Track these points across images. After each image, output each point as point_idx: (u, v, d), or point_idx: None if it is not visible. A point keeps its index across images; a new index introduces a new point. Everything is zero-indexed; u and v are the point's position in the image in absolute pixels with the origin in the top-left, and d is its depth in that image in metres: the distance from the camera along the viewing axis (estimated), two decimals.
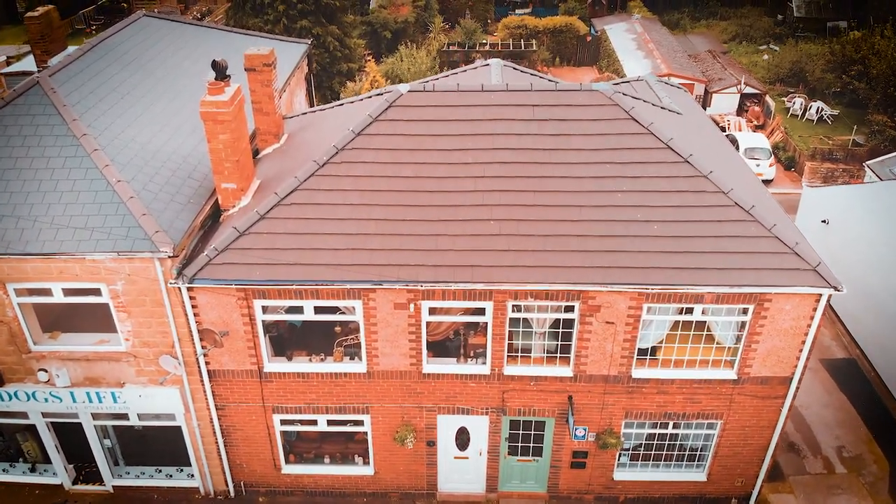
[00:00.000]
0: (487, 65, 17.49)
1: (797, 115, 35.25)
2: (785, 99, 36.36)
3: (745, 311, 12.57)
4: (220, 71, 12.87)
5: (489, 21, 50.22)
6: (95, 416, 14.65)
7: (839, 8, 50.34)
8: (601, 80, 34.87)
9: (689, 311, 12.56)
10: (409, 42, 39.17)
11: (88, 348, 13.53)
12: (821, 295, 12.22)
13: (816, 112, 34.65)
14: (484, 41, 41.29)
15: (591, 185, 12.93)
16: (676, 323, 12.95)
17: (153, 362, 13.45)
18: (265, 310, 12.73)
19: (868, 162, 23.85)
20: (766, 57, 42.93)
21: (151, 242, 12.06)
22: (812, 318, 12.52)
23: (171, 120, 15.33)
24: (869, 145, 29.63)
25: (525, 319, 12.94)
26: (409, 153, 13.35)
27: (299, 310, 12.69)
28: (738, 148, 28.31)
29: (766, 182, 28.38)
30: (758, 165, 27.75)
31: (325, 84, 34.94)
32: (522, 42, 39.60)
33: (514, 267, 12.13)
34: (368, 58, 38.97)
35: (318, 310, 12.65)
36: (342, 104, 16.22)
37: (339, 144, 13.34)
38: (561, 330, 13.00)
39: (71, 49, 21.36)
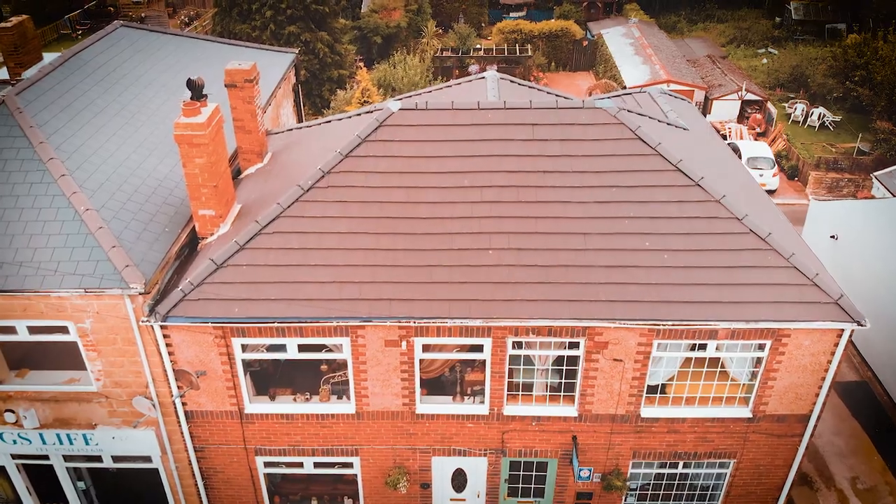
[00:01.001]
0: (483, 77, 16.60)
1: (798, 122, 34.50)
2: (786, 105, 35.61)
3: (761, 347, 11.71)
4: (196, 90, 11.95)
5: (483, 25, 49.37)
6: (67, 458, 13.70)
7: (838, 10, 49.66)
8: (598, 86, 34.05)
9: (703, 347, 11.69)
10: (402, 47, 38.26)
11: (57, 388, 12.59)
12: (843, 330, 11.38)
13: (818, 118, 33.90)
14: (478, 46, 40.43)
15: (596, 210, 12.06)
16: (688, 359, 12.09)
17: (126, 403, 12.51)
18: (245, 348, 11.81)
19: (876, 173, 23.08)
20: (764, 61, 42.20)
21: (121, 278, 11.13)
22: (833, 353, 11.68)
23: (148, 139, 14.39)
24: (875, 154, 28.87)
25: (526, 356, 12.06)
26: (400, 176, 12.45)
27: (282, 348, 11.78)
28: (740, 157, 27.50)
29: (770, 192, 27.58)
30: (761, 175, 26.95)
31: (315, 91, 34.04)
32: (517, 47, 38.74)
33: (514, 301, 11.25)
34: (360, 64, 38.04)
35: (302, 348, 11.74)
36: (329, 121, 15.30)
37: (326, 167, 12.43)
38: (565, 367, 12.12)
39: (52, 57, 20.29)
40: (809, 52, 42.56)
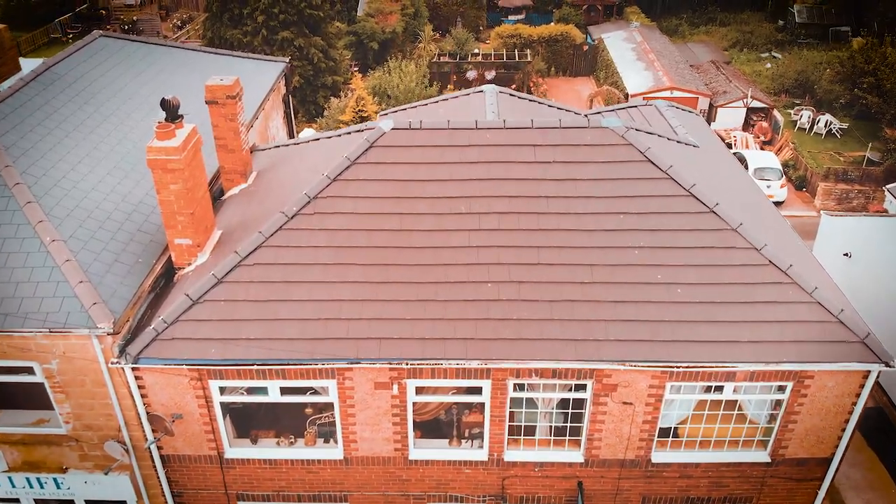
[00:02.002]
0: (481, 91, 15.73)
1: (804, 129, 33.65)
2: (791, 111, 34.76)
3: (781, 389, 10.84)
4: (171, 110, 11.05)
5: (481, 28, 48.50)
6: (39, 503, 12.82)
7: (842, 13, 48.88)
8: (600, 94, 33.19)
9: (719, 388, 10.82)
10: (398, 53, 37.37)
11: (25, 430, 11.71)
12: (869, 371, 10.52)
13: (825, 125, 33.06)
14: (476, 51, 39.56)
15: (604, 239, 11.18)
16: (703, 400, 11.22)
17: (98, 447, 11.62)
18: (223, 391, 10.92)
19: (889, 186, 22.20)
20: (768, 65, 41.37)
21: (88, 317, 10.24)
22: (858, 395, 10.82)
23: (124, 158, 13.49)
24: (885, 164, 28.02)
25: (529, 398, 11.18)
26: (392, 202, 11.57)
27: (263, 390, 10.89)
28: (746, 167, 26.65)
29: (777, 204, 26.73)
30: (768, 187, 26.09)
31: (310, 98, 33.20)
32: (516, 52, 37.86)
33: (515, 340, 10.36)
34: (355, 69, 37.16)
35: (285, 390, 10.85)
36: (318, 139, 14.41)
37: (312, 192, 11.55)
38: (570, 411, 11.25)
39: (36, 62, 19.24)
40: (814, 56, 41.75)
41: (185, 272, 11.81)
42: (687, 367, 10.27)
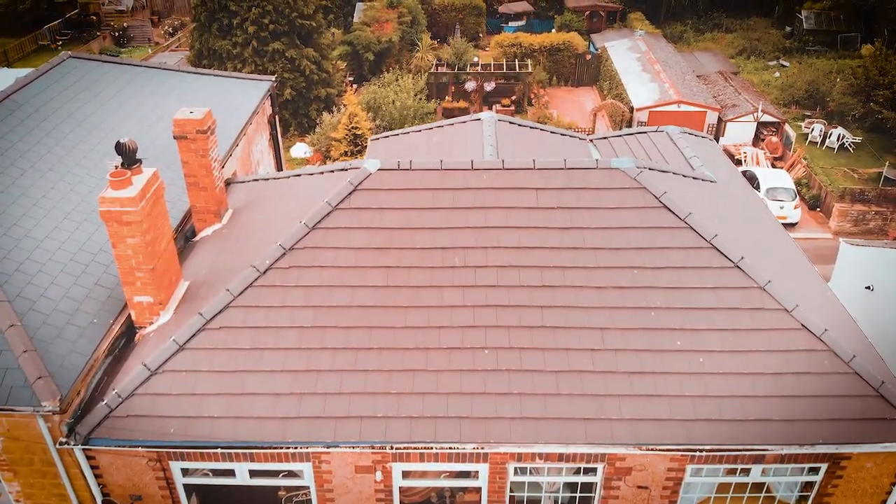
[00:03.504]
0: (478, 119, 14.50)
1: (816, 143, 32.39)
2: (802, 124, 33.50)
3: (814, 471, 9.60)
4: (128, 155, 9.80)
5: (481, 35, 47.23)
6: None
7: (851, 20, 47.60)
8: (604, 107, 31.93)
9: (745, 471, 9.57)
10: (395, 63, 36.11)
11: None
12: None
13: (837, 139, 31.79)
14: (476, 59, 38.30)
15: (616, 298, 9.94)
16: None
17: None
18: (186, 472, 9.68)
19: None
20: (777, 74, 40.10)
21: (32, 393, 8.99)
22: None
23: (85, 199, 12.24)
24: None
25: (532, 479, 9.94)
26: (377, 254, 10.34)
27: (231, 471, 9.65)
28: (757, 187, 25.40)
29: (790, 226, 25.49)
30: (781, 208, 24.85)
31: (302, 111, 31.98)
32: (517, 62, 36.60)
33: (516, 419, 9.12)
34: (350, 79, 35.92)
35: (254, 473, 9.61)
36: (300, 175, 13.16)
37: (287, 242, 10.32)
38: (578, 494, 9.99)
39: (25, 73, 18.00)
40: (824, 64, 40.50)
41: (146, 332, 10.57)
42: (710, 451, 9.02)
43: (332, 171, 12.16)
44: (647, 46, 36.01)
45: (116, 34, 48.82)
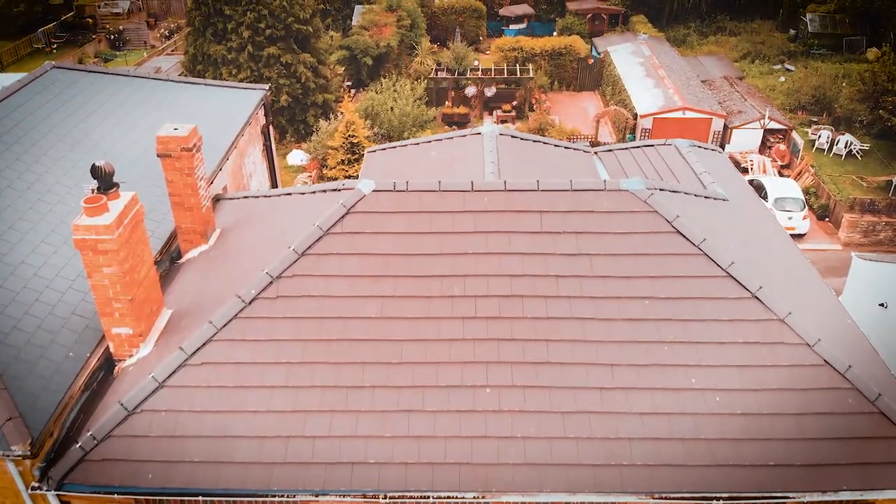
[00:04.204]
0: (479, 133, 13.86)
1: (823, 149, 31.75)
2: (809, 130, 32.85)
3: None
4: (104, 179, 9.16)
5: (481, 38, 46.61)
6: None
7: (856, 23, 46.97)
8: (607, 114, 31.29)
9: None
10: (393, 68, 35.46)
11: None
12: None
13: (845, 146, 31.14)
14: (476, 63, 37.65)
15: (626, 331, 9.30)
16: None
17: None
18: None
19: None
20: (782, 79, 39.46)
21: (2, 435, 8.36)
22: None
23: (64, 221, 11.60)
24: None
25: None
26: (371, 283, 9.70)
27: None
28: (765, 197, 24.75)
29: (798, 237, 24.84)
30: (789, 219, 24.19)
31: (299, 117, 31.34)
32: (518, 66, 35.96)
33: (520, 465, 8.48)
34: (347, 84, 35.29)
35: None
36: (290, 193, 12.53)
37: (275, 270, 9.68)
38: None
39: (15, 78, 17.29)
40: (829, 69, 39.85)
41: (125, 365, 9.93)
42: (729, 498, 8.37)
43: (325, 191, 11.52)
44: (651, 51, 35.37)
45: (112, 37, 48.20)
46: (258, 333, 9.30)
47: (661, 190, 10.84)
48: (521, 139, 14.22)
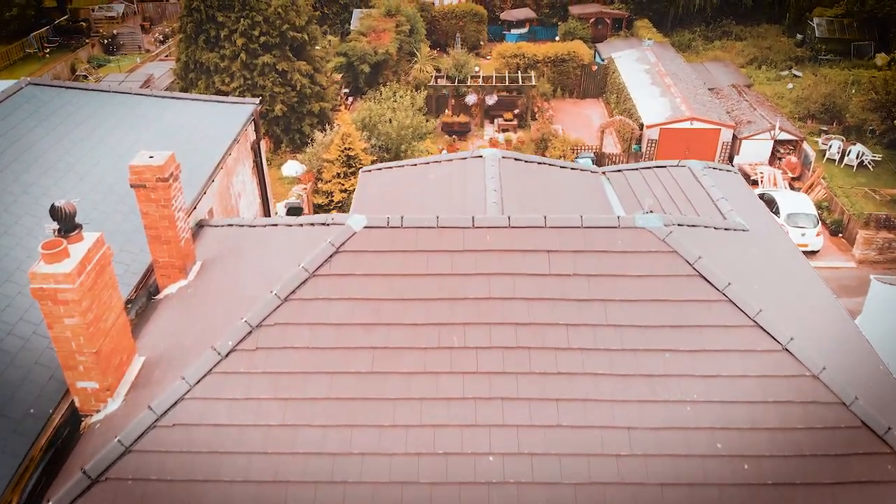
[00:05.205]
0: (480, 156, 12.98)
1: (834, 160, 30.85)
2: (819, 140, 31.94)
3: None
4: (65, 221, 8.26)
5: (482, 43, 45.71)
6: None
7: (864, 28, 46.13)
8: (612, 124, 30.40)
9: None
10: (391, 75, 34.55)
11: None
12: None
13: (856, 157, 30.24)
14: (476, 69, 36.71)
15: (644, 389, 8.39)
16: None
17: None
18: None
19: None
20: (790, 86, 38.55)
21: None
22: None
23: (32, 255, 10.68)
24: None
25: None
26: (361, 332, 8.80)
27: None
28: (777, 212, 23.85)
29: (812, 254, 23.94)
30: (802, 235, 23.31)
31: (295, 127, 30.47)
32: (519, 73, 35.05)
33: None
34: (345, 91, 34.38)
35: None
36: (276, 224, 11.63)
37: (255, 318, 8.78)
38: None
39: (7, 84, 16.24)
40: (838, 75, 38.97)
41: (93, 420, 9.03)
42: None
43: (312, 225, 10.62)
44: (657, 57, 34.47)
45: (106, 41, 47.33)
46: (235, 391, 8.39)
47: (679, 225, 9.93)
48: (525, 161, 13.35)
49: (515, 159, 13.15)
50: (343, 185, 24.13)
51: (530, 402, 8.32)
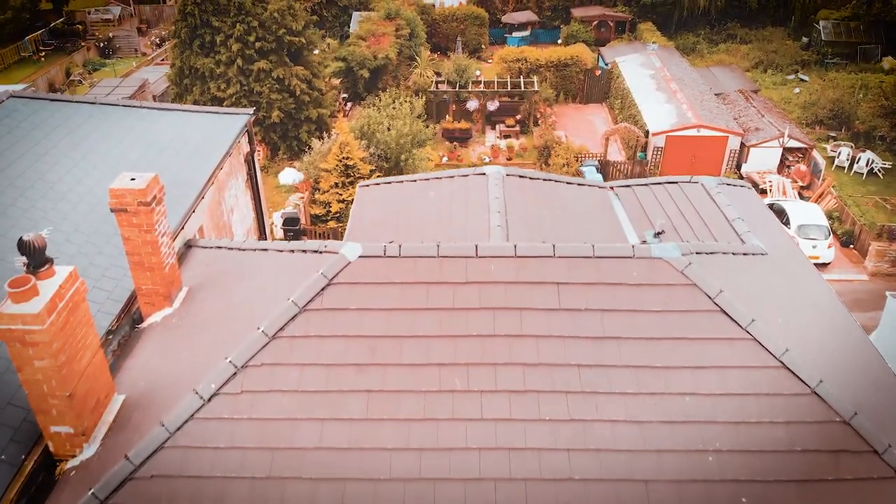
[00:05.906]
0: (483, 173, 12.33)
1: (843, 167, 30.19)
2: (828, 147, 31.28)
3: None
4: (34, 256, 7.60)
5: (484, 46, 45.06)
6: None
7: (870, 31, 45.47)
8: (617, 131, 29.72)
9: None
10: (391, 80, 33.88)
11: None
12: None
13: (866, 164, 29.57)
14: (478, 74, 36.05)
15: (664, 437, 7.73)
16: None
17: None
18: None
19: None
20: (797, 90, 37.88)
21: None
22: None
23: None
24: None
25: None
26: (355, 373, 8.14)
27: None
28: (787, 223, 23.19)
29: (823, 265, 23.28)
30: (814, 247, 22.63)
31: (292, 133, 29.83)
32: (522, 78, 34.40)
33: None
34: (344, 97, 33.72)
35: None
36: (267, 249, 10.97)
37: (240, 358, 8.13)
38: None
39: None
40: (845, 79, 38.30)
41: (68, 466, 8.37)
42: None
43: (304, 251, 9.96)
44: (661, 62, 33.80)
45: (101, 45, 46.69)
46: (218, 439, 7.74)
47: (697, 254, 9.29)
48: (530, 178, 12.71)
49: (520, 176, 12.51)
50: (341, 194, 23.48)
51: (540, 453, 7.66)
